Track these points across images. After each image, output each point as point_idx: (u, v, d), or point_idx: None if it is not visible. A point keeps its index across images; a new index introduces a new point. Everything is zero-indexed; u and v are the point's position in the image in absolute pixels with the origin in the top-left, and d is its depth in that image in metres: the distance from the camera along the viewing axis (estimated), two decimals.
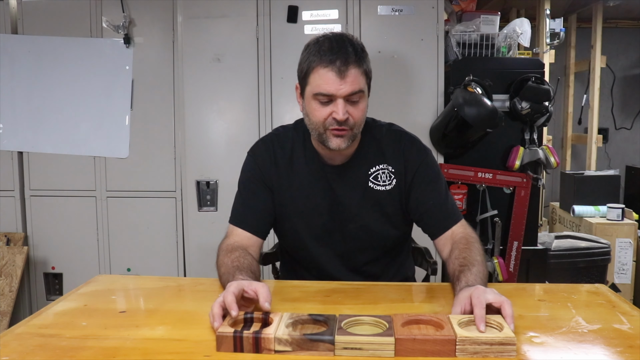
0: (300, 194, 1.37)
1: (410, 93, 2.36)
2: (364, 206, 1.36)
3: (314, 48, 1.24)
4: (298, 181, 1.37)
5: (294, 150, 1.39)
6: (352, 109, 1.23)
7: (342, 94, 1.21)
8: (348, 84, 1.20)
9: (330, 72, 1.20)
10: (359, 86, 1.22)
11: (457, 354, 0.87)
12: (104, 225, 2.59)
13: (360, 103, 1.25)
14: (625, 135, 4.19)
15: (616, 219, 3.00)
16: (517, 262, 2.37)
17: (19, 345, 0.93)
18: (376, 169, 1.36)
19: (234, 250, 1.27)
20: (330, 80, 1.20)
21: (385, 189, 1.36)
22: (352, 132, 1.26)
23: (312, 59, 1.23)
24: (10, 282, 2.52)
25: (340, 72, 1.20)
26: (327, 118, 1.23)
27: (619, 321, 1.03)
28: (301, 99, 1.31)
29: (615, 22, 4.00)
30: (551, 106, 2.30)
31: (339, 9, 2.36)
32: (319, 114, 1.24)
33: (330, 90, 1.21)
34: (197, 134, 2.44)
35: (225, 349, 0.89)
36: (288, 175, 1.38)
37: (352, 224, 1.37)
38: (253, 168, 1.40)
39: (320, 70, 1.21)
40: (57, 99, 2.57)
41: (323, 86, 1.21)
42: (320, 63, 1.21)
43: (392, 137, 1.39)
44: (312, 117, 1.26)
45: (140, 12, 2.49)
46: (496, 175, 2.35)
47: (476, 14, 2.46)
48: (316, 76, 1.22)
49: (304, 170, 1.37)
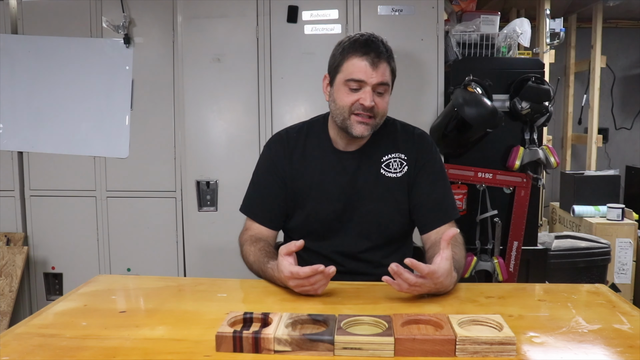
0: (314, 180, 1.43)
1: (410, 93, 2.36)
2: (375, 191, 1.42)
3: (349, 43, 1.35)
4: (312, 168, 1.44)
5: (307, 138, 1.48)
6: (377, 99, 1.34)
7: (372, 82, 1.31)
8: (379, 74, 1.32)
9: (364, 62, 1.31)
10: (387, 79, 1.34)
11: (457, 353, 0.87)
12: (104, 225, 2.59)
13: (385, 95, 1.36)
14: (625, 135, 4.19)
15: (616, 219, 3.00)
16: (517, 262, 2.37)
17: (19, 345, 0.93)
18: (389, 157, 1.44)
19: (259, 241, 1.40)
20: (363, 68, 1.31)
21: (396, 176, 1.43)
22: (375, 121, 1.36)
23: (347, 50, 1.34)
24: (10, 282, 2.52)
25: (373, 63, 1.31)
26: (354, 103, 1.33)
27: (619, 321, 1.03)
28: (329, 88, 1.41)
29: (615, 22, 4.00)
30: (551, 106, 2.30)
31: (339, 9, 2.36)
32: (347, 98, 1.34)
33: (362, 77, 1.31)
34: (197, 134, 2.44)
35: (224, 349, 0.89)
36: (302, 163, 1.45)
37: (363, 209, 1.43)
38: (267, 160, 1.49)
39: (354, 60, 1.32)
40: (57, 99, 2.57)
41: (356, 73, 1.32)
42: (355, 54, 1.32)
43: (406, 130, 1.49)
44: (339, 102, 1.35)
45: (140, 12, 2.49)
46: (496, 175, 2.35)
47: (476, 14, 2.45)
48: (349, 65, 1.33)
49: (318, 157, 1.44)
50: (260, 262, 1.32)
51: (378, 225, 1.44)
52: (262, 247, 1.37)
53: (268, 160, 1.48)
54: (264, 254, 1.33)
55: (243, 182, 1.55)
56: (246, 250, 1.40)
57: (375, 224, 1.43)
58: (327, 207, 1.43)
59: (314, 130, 1.49)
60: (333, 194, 1.43)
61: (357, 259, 1.44)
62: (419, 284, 1.09)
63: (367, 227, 1.43)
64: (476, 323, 0.94)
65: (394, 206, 1.43)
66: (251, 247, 1.39)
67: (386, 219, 1.44)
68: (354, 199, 1.42)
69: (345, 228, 1.44)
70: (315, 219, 1.44)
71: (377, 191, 1.42)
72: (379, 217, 1.43)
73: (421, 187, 1.42)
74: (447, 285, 1.15)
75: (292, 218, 1.48)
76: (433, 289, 1.13)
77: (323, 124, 1.49)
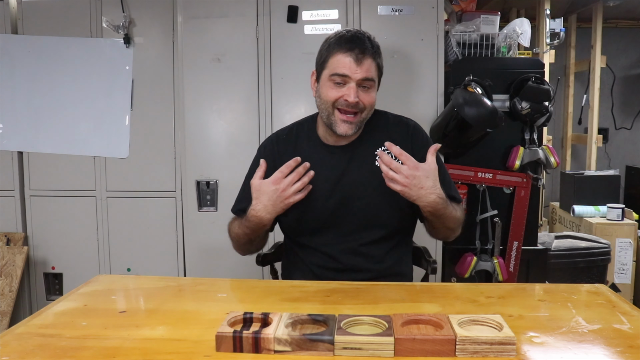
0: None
1: (410, 93, 2.36)
2: (370, 184, 1.42)
3: (335, 38, 1.38)
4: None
5: (298, 138, 1.49)
6: (362, 95, 1.35)
7: (356, 78, 1.33)
8: (363, 70, 1.33)
9: (348, 58, 1.33)
10: (372, 74, 1.35)
11: (457, 353, 0.87)
12: (104, 225, 2.59)
13: (371, 90, 1.38)
14: (625, 135, 4.19)
15: (616, 219, 3.00)
16: (517, 262, 2.37)
17: (19, 345, 0.93)
18: (382, 150, 1.43)
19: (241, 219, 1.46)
20: (347, 64, 1.33)
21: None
22: (360, 117, 1.37)
23: (333, 46, 1.36)
24: (10, 282, 2.52)
25: (357, 59, 1.33)
26: (338, 99, 1.35)
27: (619, 321, 1.03)
28: (316, 84, 1.43)
29: (615, 22, 4.00)
30: (551, 106, 2.30)
31: (339, 9, 2.36)
32: (332, 93, 1.36)
33: (346, 72, 1.33)
34: (197, 134, 2.44)
35: (224, 349, 0.89)
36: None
37: (358, 202, 1.42)
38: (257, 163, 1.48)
39: (338, 55, 1.35)
40: (57, 99, 2.57)
41: (340, 68, 1.34)
42: (340, 50, 1.34)
43: (399, 122, 1.50)
44: (324, 97, 1.38)
45: (140, 12, 2.49)
46: (496, 175, 2.35)
47: (476, 14, 2.45)
48: (334, 60, 1.35)
49: (309, 155, 1.44)
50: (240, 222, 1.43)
51: (375, 219, 1.42)
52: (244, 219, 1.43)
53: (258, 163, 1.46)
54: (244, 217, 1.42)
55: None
56: (232, 231, 1.48)
57: (372, 217, 1.42)
58: (321, 203, 1.42)
59: (303, 129, 1.51)
60: (326, 189, 1.42)
61: (356, 254, 1.43)
62: (398, 169, 1.26)
63: (364, 222, 1.42)
64: (476, 323, 0.95)
65: (390, 198, 1.41)
66: (233, 224, 1.48)
67: (383, 212, 1.43)
68: (348, 193, 1.42)
69: (342, 223, 1.43)
70: (309, 216, 1.43)
71: (371, 184, 1.41)
72: (375, 210, 1.42)
73: None
74: (428, 190, 1.27)
75: (286, 217, 1.46)
76: (412, 187, 1.27)
77: (312, 123, 1.50)
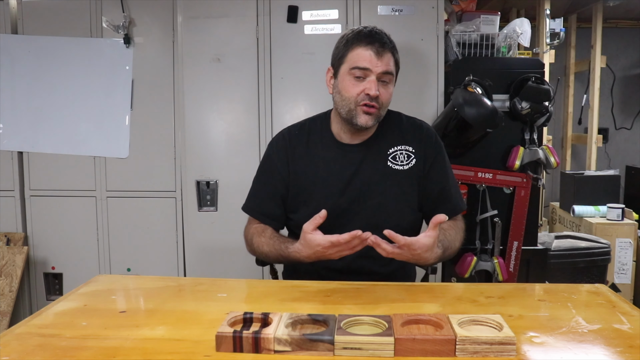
0: (318, 175, 1.43)
1: (410, 93, 2.36)
2: (382, 184, 1.41)
3: (353, 34, 1.37)
4: (315, 163, 1.43)
5: (310, 135, 1.47)
6: (382, 89, 1.35)
7: (377, 71, 1.33)
8: (383, 63, 1.33)
9: (369, 51, 1.33)
10: (391, 68, 1.35)
11: (457, 353, 0.87)
12: (104, 225, 2.59)
13: (389, 86, 1.37)
14: (625, 135, 4.19)
15: (616, 219, 2.99)
16: (517, 262, 2.37)
17: (19, 345, 0.93)
18: (395, 150, 1.43)
19: (265, 230, 1.43)
20: (368, 57, 1.33)
21: (403, 169, 1.42)
22: (379, 112, 1.36)
23: (352, 41, 1.35)
24: (10, 282, 2.52)
25: (378, 53, 1.33)
26: (359, 94, 1.34)
27: (619, 321, 1.03)
28: (333, 80, 1.41)
29: (615, 22, 4.00)
30: (551, 106, 2.30)
31: (339, 9, 2.36)
32: (353, 89, 1.34)
33: (367, 65, 1.32)
34: (197, 134, 2.44)
35: (224, 349, 0.89)
36: (305, 159, 1.44)
37: (370, 201, 1.41)
38: (268, 159, 1.49)
39: (358, 49, 1.34)
40: (57, 99, 2.57)
41: (360, 62, 1.33)
42: (360, 44, 1.34)
43: (412, 123, 1.49)
44: (345, 93, 1.36)
45: (140, 12, 2.49)
46: (496, 175, 2.35)
47: (476, 14, 2.45)
48: (354, 54, 1.34)
49: (322, 152, 1.44)
50: (278, 248, 1.35)
51: (386, 219, 1.40)
52: (271, 235, 1.40)
53: (269, 159, 1.48)
54: (280, 241, 1.37)
55: (243, 182, 1.55)
56: (257, 242, 1.42)
57: (383, 217, 1.40)
58: (333, 201, 1.40)
59: (316, 126, 1.49)
60: (338, 188, 1.41)
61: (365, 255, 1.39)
62: (395, 254, 1.18)
63: (375, 221, 1.39)
64: (476, 323, 0.94)
65: (402, 199, 1.41)
66: (261, 238, 1.41)
67: (394, 213, 1.41)
68: (360, 192, 1.41)
69: (353, 222, 1.40)
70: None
71: (384, 184, 1.41)
72: (387, 210, 1.41)
73: (433, 181, 1.43)
74: (427, 258, 1.21)
75: (297, 214, 1.45)
76: (411, 259, 1.21)
77: (325, 120, 1.49)
